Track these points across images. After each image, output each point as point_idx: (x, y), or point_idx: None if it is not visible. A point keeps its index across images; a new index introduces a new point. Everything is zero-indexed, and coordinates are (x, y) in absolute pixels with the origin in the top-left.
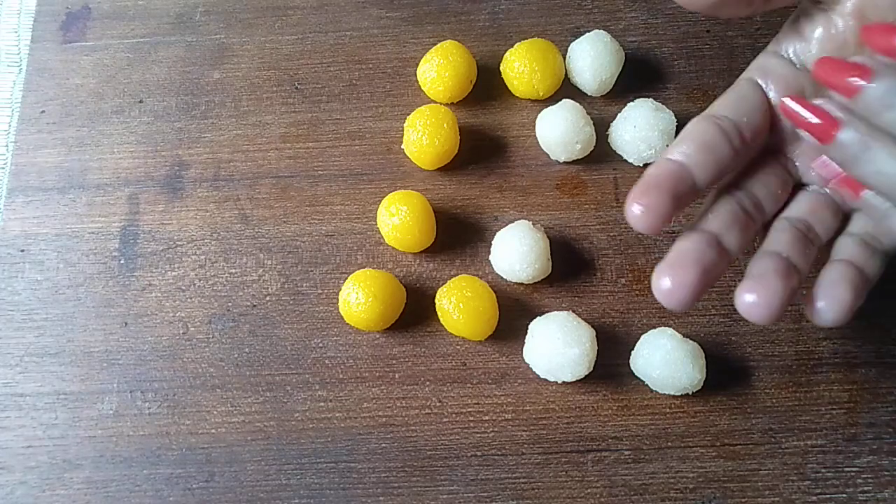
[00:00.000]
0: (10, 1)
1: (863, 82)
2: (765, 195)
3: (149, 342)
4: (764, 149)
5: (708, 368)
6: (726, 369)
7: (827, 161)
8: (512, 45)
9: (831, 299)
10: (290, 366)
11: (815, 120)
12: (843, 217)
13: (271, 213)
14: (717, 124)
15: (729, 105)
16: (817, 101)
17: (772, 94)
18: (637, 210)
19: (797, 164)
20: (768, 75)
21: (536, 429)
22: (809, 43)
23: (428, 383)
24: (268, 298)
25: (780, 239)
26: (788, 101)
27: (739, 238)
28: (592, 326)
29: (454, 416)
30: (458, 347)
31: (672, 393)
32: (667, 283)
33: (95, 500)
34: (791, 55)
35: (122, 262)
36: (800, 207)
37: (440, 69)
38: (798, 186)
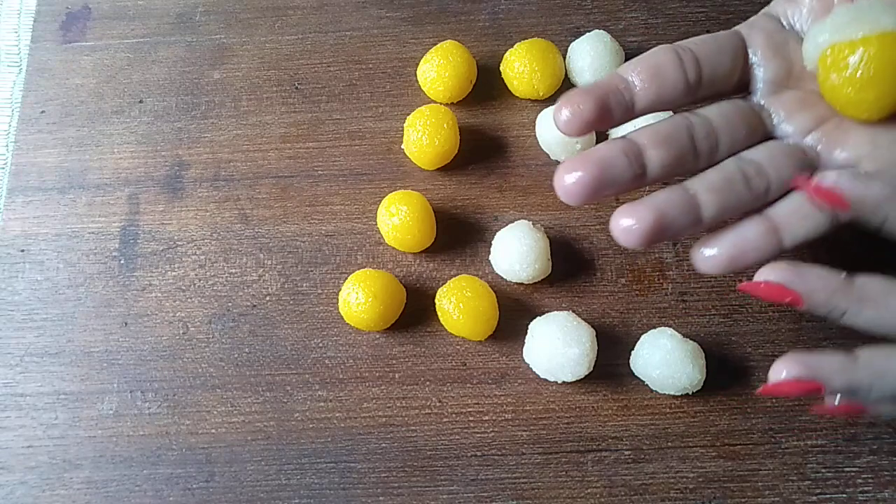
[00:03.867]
0: (10, 1)
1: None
2: (724, 129)
3: (149, 342)
4: (741, 98)
5: (708, 368)
6: (726, 369)
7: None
8: (512, 45)
9: (717, 250)
10: (290, 366)
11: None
12: (812, 173)
13: (271, 213)
14: (676, 51)
15: (699, 41)
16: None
17: (753, 46)
18: (564, 114)
19: (773, 118)
20: (753, 28)
21: (536, 429)
22: (801, 6)
23: (428, 383)
24: (268, 298)
25: (706, 176)
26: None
27: (666, 158)
28: (592, 326)
29: (454, 416)
30: (458, 347)
31: (672, 393)
32: (567, 178)
33: (95, 500)
34: (780, 16)
35: (122, 262)
36: (760, 151)
37: (440, 69)
38: (770, 139)
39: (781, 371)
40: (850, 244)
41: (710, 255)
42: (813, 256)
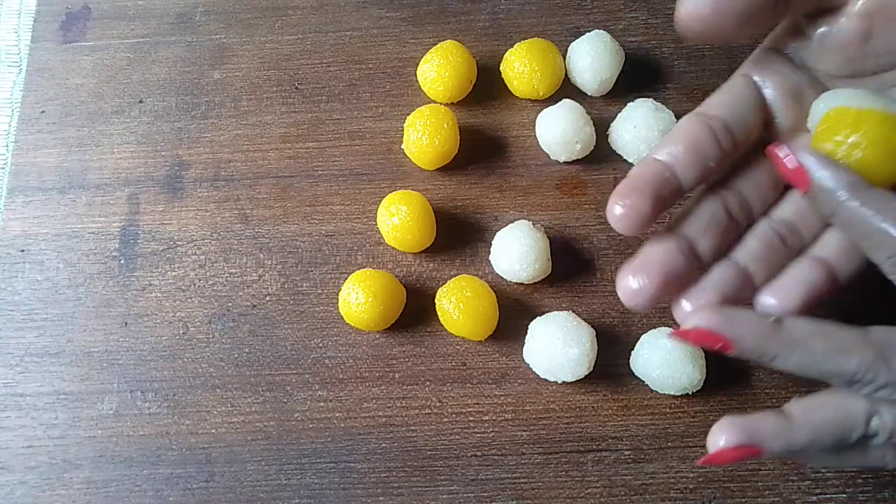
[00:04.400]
0: (10, 1)
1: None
2: (753, 194)
3: (149, 342)
4: (757, 144)
5: (708, 368)
6: (726, 369)
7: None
8: (512, 45)
9: (782, 299)
10: (290, 366)
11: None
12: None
13: (271, 213)
14: (707, 124)
15: (722, 104)
16: (800, 152)
17: (768, 92)
18: (618, 211)
19: None
20: (765, 72)
21: (536, 429)
22: (811, 41)
23: (428, 383)
24: (268, 298)
25: (748, 247)
26: (773, 149)
27: (714, 243)
28: (592, 326)
29: (454, 416)
30: (458, 347)
31: (672, 393)
32: (628, 285)
33: (95, 500)
34: (790, 52)
35: (122, 262)
36: (787, 207)
37: (440, 69)
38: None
39: (719, 439)
40: None
41: (779, 304)
42: None
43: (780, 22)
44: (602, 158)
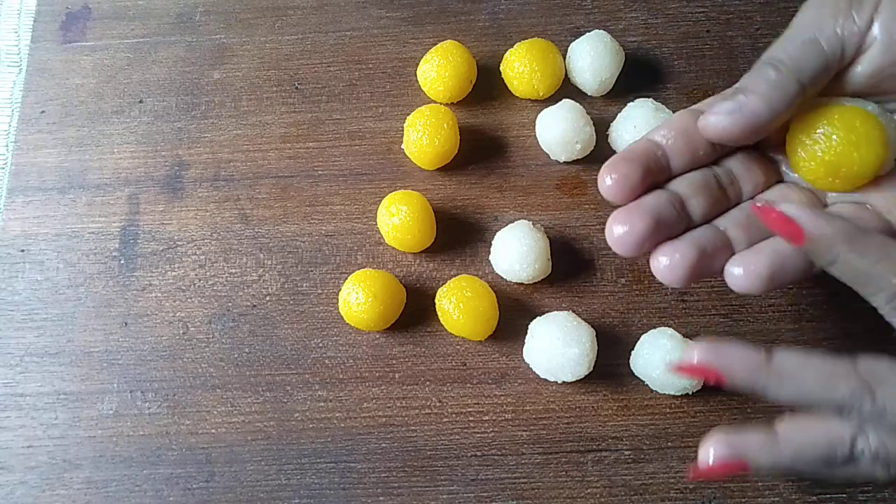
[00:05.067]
0: (10, 1)
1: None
2: (743, 176)
3: (149, 342)
4: (752, 146)
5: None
6: None
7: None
8: (512, 45)
9: (747, 265)
10: (290, 366)
11: (784, 226)
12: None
13: (271, 213)
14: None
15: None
16: (785, 209)
17: None
18: (609, 180)
19: (782, 165)
20: None
21: (536, 429)
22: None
23: (428, 383)
24: (268, 298)
25: (731, 214)
26: (760, 207)
27: (705, 206)
28: (592, 326)
29: (454, 416)
30: (458, 347)
31: (672, 393)
32: (619, 229)
33: (95, 500)
34: None
35: (122, 262)
36: (774, 192)
37: (440, 69)
38: (781, 182)
39: (709, 453)
40: None
41: (744, 273)
42: None
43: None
44: (602, 158)
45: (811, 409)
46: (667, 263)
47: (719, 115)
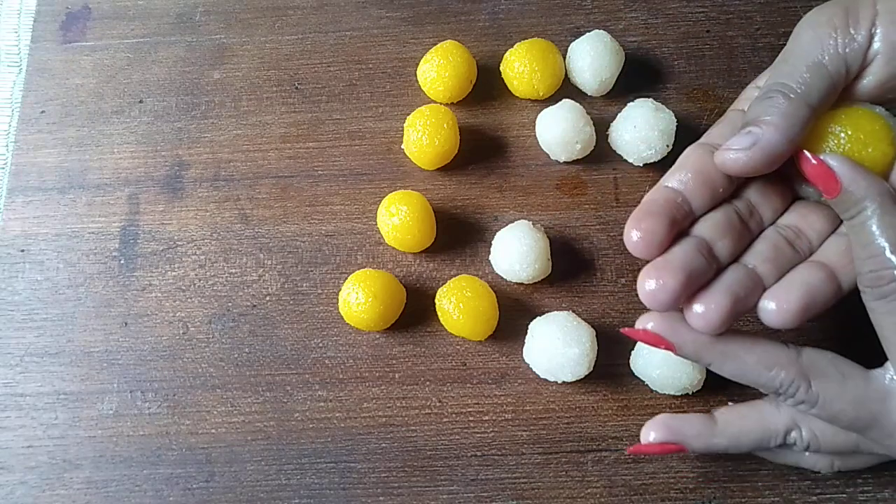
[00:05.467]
0: (10, 1)
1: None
2: (761, 203)
3: (149, 342)
4: None
5: (708, 368)
6: None
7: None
8: (512, 45)
9: (780, 301)
10: (290, 366)
11: (821, 174)
12: (839, 224)
13: (271, 213)
14: (713, 153)
15: (724, 135)
16: (826, 158)
17: None
18: (635, 236)
19: (795, 183)
20: None
21: (536, 429)
22: None
23: (428, 383)
24: (268, 298)
25: (756, 249)
26: (806, 154)
27: (731, 246)
28: (592, 326)
29: (454, 416)
30: (458, 347)
31: (672, 393)
32: (651, 285)
33: (95, 500)
34: None
35: (122, 262)
36: (792, 215)
37: (440, 69)
38: (797, 200)
39: (649, 434)
40: None
41: (777, 308)
42: None
43: None
44: (602, 158)
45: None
46: (702, 312)
47: (738, 152)
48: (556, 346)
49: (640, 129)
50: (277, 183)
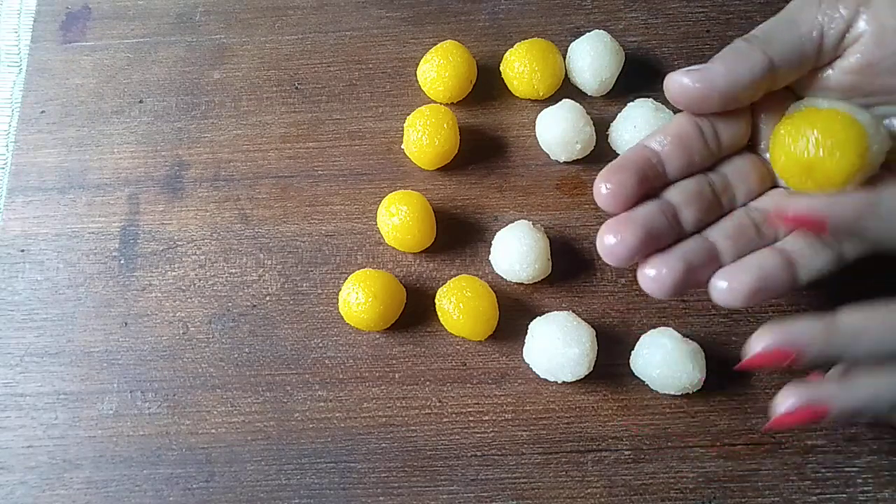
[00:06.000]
0: (10, 1)
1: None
2: (738, 182)
3: (149, 342)
4: (748, 149)
5: (708, 368)
6: (726, 369)
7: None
8: (512, 45)
9: (731, 281)
10: (290, 366)
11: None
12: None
13: (271, 213)
14: (697, 122)
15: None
16: (796, 207)
17: (758, 109)
18: (604, 188)
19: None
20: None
21: (536, 429)
22: (807, 83)
23: (428, 383)
24: (268, 298)
25: (721, 225)
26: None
27: (697, 215)
28: (592, 326)
29: (454, 416)
30: (458, 347)
31: (672, 393)
32: (610, 239)
33: (95, 500)
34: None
35: (122, 262)
36: (767, 200)
37: (440, 69)
38: (776, 187)
39: (787, 403)
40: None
41: (728, 287)
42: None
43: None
44: (602, 158)
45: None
46: (653, 276)
47: (681, 76)
48: (556, 346)
49: (640, 129)
50: (277, 183)
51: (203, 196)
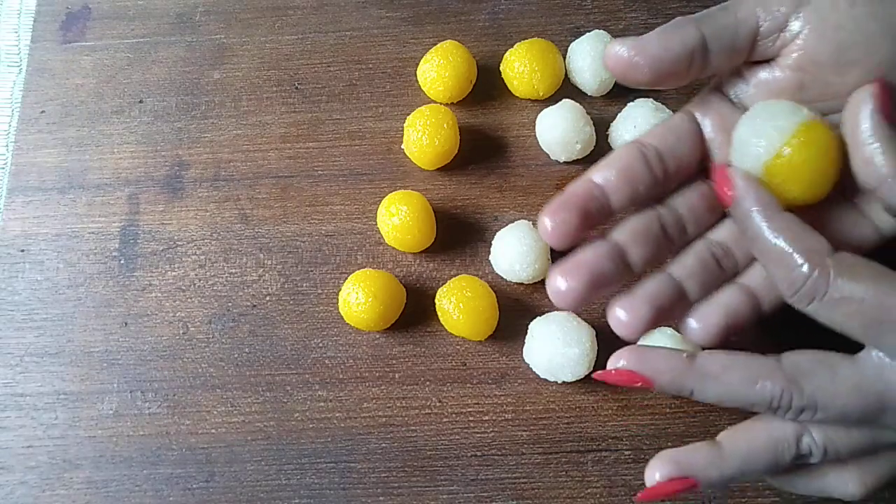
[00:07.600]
0: (10, 1)
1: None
2: (689, 215)
3: (149, 342)
4: (699, 174)
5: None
6: None
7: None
8: (512, 45)
9: (702, 321)
10: (290, 366)
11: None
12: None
13: (271, 213)
14: (642, 152)
15: (659, 135)
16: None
17: (706, 129)
18: (548, 225)
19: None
20: (706, 109)
21: (536, 429)
22: (748, 85)
23: (428, 383)
24: (268, 298)
25: (684, 262)
26: (715, 166)
27: (646, 254)
28: (592, 326)
29: (454, 416)
30: (458, 347)
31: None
32: (559, 284)
33: (95, 500)
34: (731, 94)
35: (122, 262)
36: (724, 231)
37: (440, 69)
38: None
39: (654, 474)
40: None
41: (701, 327)
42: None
43: (705, 75)
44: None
45: (748, 410)
46: (625, 320)
47: (616, 45)
48: (556, 346)
49: (640, 129)
50: (277, 183)
51: (203, 196)
